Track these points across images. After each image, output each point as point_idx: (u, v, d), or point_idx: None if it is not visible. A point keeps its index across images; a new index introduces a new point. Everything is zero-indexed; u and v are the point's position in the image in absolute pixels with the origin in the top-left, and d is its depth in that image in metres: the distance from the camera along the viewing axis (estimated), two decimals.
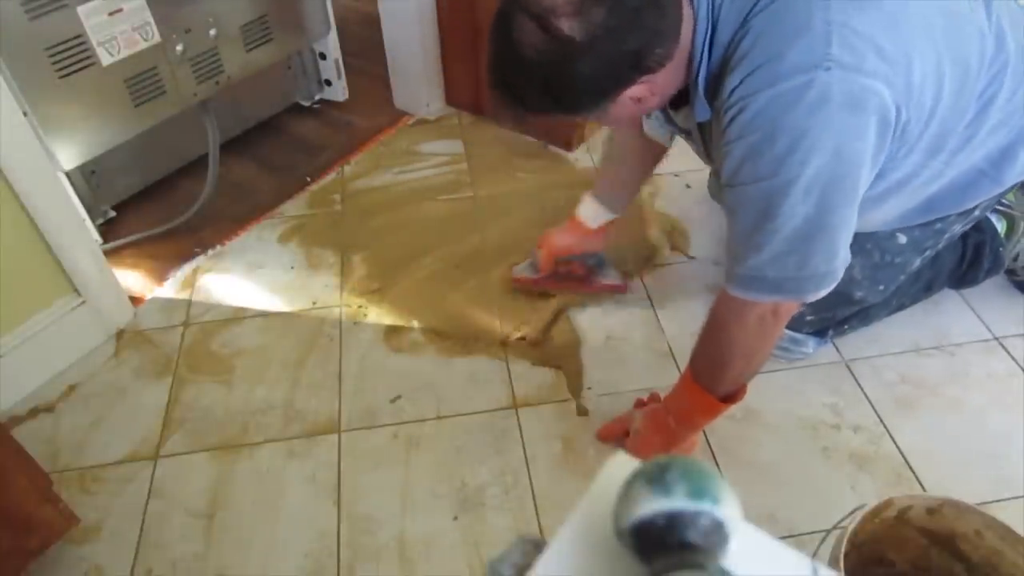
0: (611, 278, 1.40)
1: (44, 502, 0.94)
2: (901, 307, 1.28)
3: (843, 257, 0.87)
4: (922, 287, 1.27)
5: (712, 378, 1.00)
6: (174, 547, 1.06)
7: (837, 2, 0.75)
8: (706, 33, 0.82)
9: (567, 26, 0.75)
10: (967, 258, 1.26)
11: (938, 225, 1.07)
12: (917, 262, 1.12)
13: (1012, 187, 1.03)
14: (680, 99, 0.91)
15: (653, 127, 1.15)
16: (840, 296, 1.12)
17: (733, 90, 0.79)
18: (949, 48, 0.83)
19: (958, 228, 1.10)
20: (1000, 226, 1.27)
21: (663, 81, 0.83)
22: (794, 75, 0.75)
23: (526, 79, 0.81)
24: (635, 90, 0.82)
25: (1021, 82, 0.93)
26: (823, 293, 0.88)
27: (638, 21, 0.77)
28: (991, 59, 0.89)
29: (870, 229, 1.07)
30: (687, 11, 0.81)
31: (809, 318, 1.20)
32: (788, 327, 1.20)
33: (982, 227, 1.26)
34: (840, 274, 0.88)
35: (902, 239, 1.09)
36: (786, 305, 0.90)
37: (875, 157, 0.81)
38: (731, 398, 1.01)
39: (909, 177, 0.94)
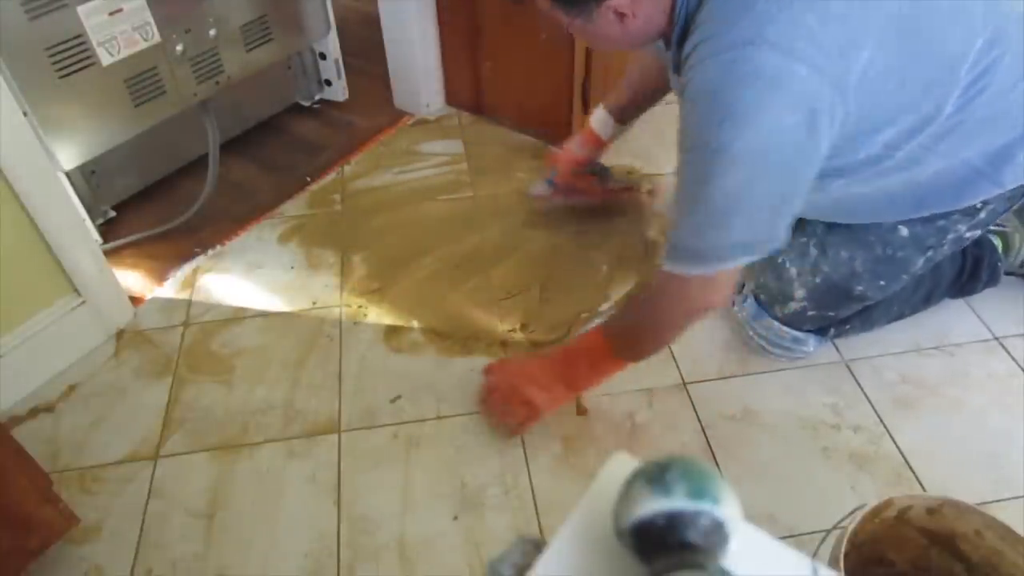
0: (623, 183, 1.47)
1: (44, 502, 0.94)
2: (901, 316, 1.29)
3: (771, 235, 0.89)
4: (922, 297, 1.27)
5: (625, 341, 1.05)
6: (174, 547, 1.06)
7: None
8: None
9: None
10: (966, 270, 1.27)
11: (940, 222, 1.08)
12: (920, 262, 1.12)
13: (1014, 190, 1.03)
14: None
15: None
16: (840, 291, 1.14)
17: (686, 58, 0.85)
18: (913, 44, 0.86)
19: (963, 229, 1.09)
20: (998, 243, 1.29)
21: (644, 13, 0.88)
22: (730, 49, 0.80)
23: None
24: (619, 1, 0.86)
25: (1012, 86, 0.94)
26: (741, 263, 0.91)
27: None
28: (979, 53, 0.90)
29: (865, 218, 1.09)
30: None
31: (811, 314, 1.20)
32: (790, 325, 1.21)
33: (981, 243, 1.27)
34: (764, 250, 0.90)
35: (904, 232, 1.09)
36: (712, 280, 0.92)
37: (808, 138, 0.83)
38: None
39: (876, 159, 0.96)
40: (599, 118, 1.39)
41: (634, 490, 0.39)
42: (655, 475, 0.39)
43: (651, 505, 0.38)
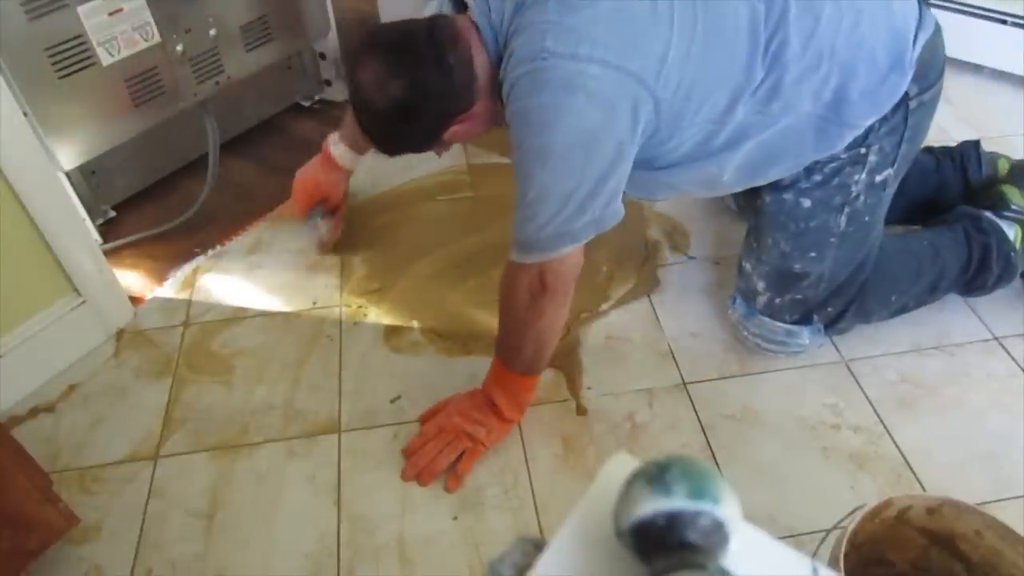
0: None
1: (44, 502, 0.94)
2: (904, 308, 1.28)
3: (596, 217, 0.99)
4: (926, 288, 1.26)
5: (507, 350, 1.11)
6: (174, 547, 1.06)
7: (554, 6, 0.92)
8: (494, 52, 1.01)
9: (377, 100, 0.99)
10: (974, 261, 1.25)
11: (834, 181, 1.12)
12: (842, 220, 1.14)
13: (891, 123, 1.08)
14: None
15: None
16: (784, 273, 1.19)
17: (502, 78, 0.98)
18: (705, 22, 0.96)
19: (864, 177, 1.11)
20: (1012, 232, 1.26)
21: (479, 113, 1.04)
22: (521, 64, 0.93)
23: (368, 133, 1.07)
24: (456, 127, 1.04)
25: (812, 32, 0.99)
26: (564, 252, 1.00)
27: (429, 87, 0.98)
28: (764, 19, 0.98)
29: (735, 177, 1.12)
30: (477, 48, 1.00)
31: (778, 302, 1.21)
32: (771, 317, 1.22)
33: (986, 229, 1.25)
34: (588, 234, 1.00)
35: (806, 203, 1.14)
36: (547, 272, 1.01)
37: (612, 127, 0.95)
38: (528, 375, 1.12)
39: (708, 134, 1.05)
40: (339, 147, 1.42)
41: (634, 490, 0.39)
42: (655, 475, 0.39)
43: (651, 505, 0.38)
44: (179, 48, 1.41)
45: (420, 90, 0.98)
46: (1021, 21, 1.82)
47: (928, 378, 1.24)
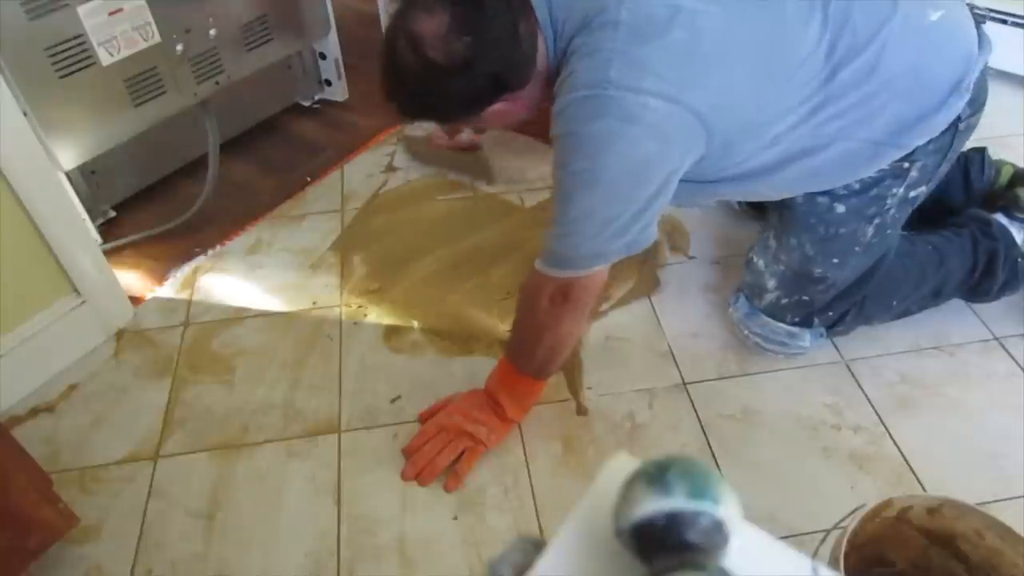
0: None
1: (44, 502, 0.94)
2: (907, 312, 1.27)
3: (630, 241, 0.99)
4: (929, 293, 1.26)
5: (519, 352, 1.11)
6: (174, 547, 1.06)
7: (624, 34, 0.90)
8: (552, 54, 0.98)
9: (434, 54, 0.92)
10: (980, 267, 1.24)
11: (873, 191, 1.10)
12: (869, 231, 1.13)
13: (938, 141, 1.06)
14: None
15: None
16: (802, 276, 1.18)
17: (555, 91, 0.96)
18: (767, 59, 0.96)
19: (900, 191, 1.11)
20: (1021, 237, 1.25)
21: (527, 97, 1.01)
22: (580, 89, 0.92)
23: (404, 92, 1.00)
24: (500, 105, 1.00)
25: (876, 63, 0.98)
26: (595, 270, 1.01)
27: (495, 52, 0.94)
28: (829, 49, 0.97)
29: (777, 192, 1.13)
30: (541, 40, 0.98)
31: (784, 302, 1.21)
32: (773, 316, 1.21)
33: (995, 234, 1.24)
34: (621, 254, 1.00)
35: (840, 209, 1.12)
36: (574, 286, 1.02)
37: (662, 160, 0.95)
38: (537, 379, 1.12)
39: (759, 161, 1.05)
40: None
41: (634, 490, 0.39)
42: (655, 475, 0.39)
43: (651, 505, 0.38)
44: (179, 48, 1.41)
45: (486, 49, 0.93)
46: (1021, 21, 1.82)
47: (928, 378, 1.24)
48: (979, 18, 1.09)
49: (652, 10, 0.91)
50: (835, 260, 1.15)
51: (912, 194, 1.12)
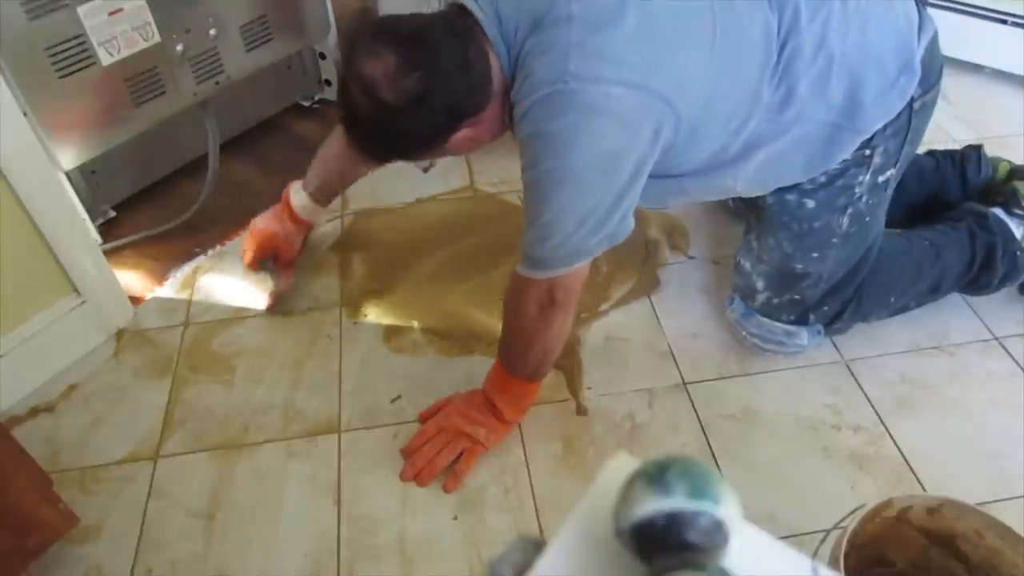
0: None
1: (44, 502, 0.94)
2: (905, 308, 1.28)
3: (609, 234, 0.98)
4: (927, 289, 1.26)
5: (509, 356, 1.11)
6: (174, 547, 1.06)
7: (577, 27, 0.89)
8: (507, 65, 0.97)
9: (386, 95, 0.91)
10: (977, 261, 1.24)
11: (839, 182, 1.12)
12: (844, 221, 1.14)
13: (895, 125, 1.08)
14: None
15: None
16: (785, 274, 1.19)
17: (514, 97, 0.95)
18: (723, 39, 0.96)
19: (868, 178, 1.12)
20: (1020, 231, 1.25)
21: (488, 119, 1.00)
22: (542, 87, 0.90)
23: (365, 136, 1.00)
24: (463, 132, 0.99)
25: (822, 40, 1.00)
26: (576, 267, 1.00)
27: (448, 83, 0.93)
28: (776, 28, 0.99)
29: (746, 185, 1.13)
30: (493, 58, 0.96)
31: (776, 301, 1.21)
32: (769, 316, 1.22)
33: (991, 228, 1.25)
34: (592, 250, 0.99)
35: (810, 204, 1.14)
36: (558, 287, 1.01)
37: (632, 143, 0.94)
38: (531, 381, 1.13)
39: (721, 147, 1.05)
40: (299, 196, 1.37)
41: (634, 490, 0.39)
42: (655, 475, 0.39)
43: (651, 505, 0.38)
44: (179, 48, 1.40)
45: (438, 82, 0.92)
46: (1021, 21, 1.82)
47: (928, 378, 1.24)
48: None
49: (601, 1, 0.91)
50: (814, 254, 1.16)
51: (881, 179, 1.13)
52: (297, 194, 1.37)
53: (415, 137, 0.99)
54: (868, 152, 1.10)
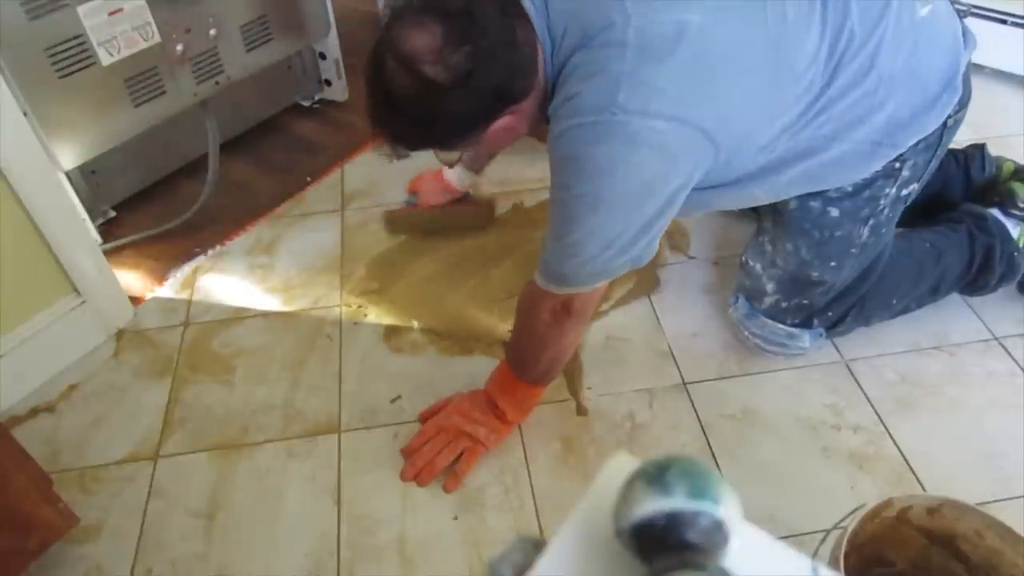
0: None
1: (44, 502, 0.94)
2: (906, 310, 1.28)
3: (634, 257, 0.97)
4: (927, 290, 1.26)
5: (518, 360, 1.11)
6: (174, 547, 1.06)
7: (632, 55, 0.86)
8: (550, 67, 0.93)
9: (431, 70, 0.84)
10: (976, 262, 1.24)
11: (865, 193, 1.10)
12: (864, 231, 1.13)
13: (927, 140, 1.07)
14: None
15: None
16: (799, 280, 1.18)
17: (554, 111, 0.92)
18: (771, 67, 0.94)
19: (893, 191, 1.11)
20: (1016, 232, 1.25)
21: (528, 108, 0.95)
22: (588, 114, 0.87)
23: (399, 118, 0.93)
24: (504, 120, 0.93)
25: (871, 64, 0.97)
26: (597, 286, 1.00)
27: (496, 61, 0.87)
28: (828, 54, 0.96)
29: (773, 196, 1.12)
30: (539, 50, 0.92)
31: (784, 305, 1.21)
32: (773, 318, 1.21)
33: (990, 229, 1.25)
34: (614, 272, 0.99)
35: (834, 213, 1.12)
36: (575, 300, 1.01)
37: (670, 178, 0.92)
38: (537, 385, 1.12)
39: (758, 166, 1.04)
40: (454, 172, 1.45)
41: (634, 490, 0.39)
42: (655, 475, 0.39)
43: (651, 505, 0.38)
44: (179, 48, 1.40)
45: (485, 59, 0.85)
46: (1021, 21, 1.82)
47: (928, 378, 1.24)
48: (961, 12, 1.09)
49: (660, 28, 0.87)
50: (832, 263, 1.15)
51: (904, 192, 1.12)
52: (449, 171, 1.45)
53: (455, 120, 0.91)
54: (898, 165, 1.07)
